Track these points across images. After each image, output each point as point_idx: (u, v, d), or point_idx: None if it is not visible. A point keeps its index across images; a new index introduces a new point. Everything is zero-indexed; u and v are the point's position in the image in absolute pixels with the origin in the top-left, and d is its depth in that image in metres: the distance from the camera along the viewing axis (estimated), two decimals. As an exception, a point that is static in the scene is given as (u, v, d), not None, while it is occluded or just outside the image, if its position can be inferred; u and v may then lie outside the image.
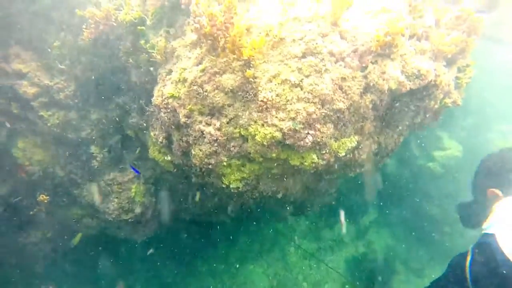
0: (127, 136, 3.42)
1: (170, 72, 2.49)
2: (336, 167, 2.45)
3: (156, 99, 2.51)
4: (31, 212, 3.09)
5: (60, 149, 3.34)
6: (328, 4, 2.07)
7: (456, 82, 2.43)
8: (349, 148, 2.21)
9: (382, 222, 6.97)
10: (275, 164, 2.43)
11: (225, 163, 2.40)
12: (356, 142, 2.19)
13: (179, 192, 3.70)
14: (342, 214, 6.00)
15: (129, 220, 3.48)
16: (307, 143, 2.01)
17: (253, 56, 1.99)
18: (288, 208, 4.17)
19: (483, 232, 1.63)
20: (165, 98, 2.43)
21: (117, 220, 3.44)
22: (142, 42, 2.61)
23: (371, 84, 1.91)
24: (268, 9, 2.20)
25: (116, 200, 3.35)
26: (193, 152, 2.44)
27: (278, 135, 2.03)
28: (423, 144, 6.07)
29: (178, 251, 5.80)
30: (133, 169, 3.36)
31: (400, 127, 2.33)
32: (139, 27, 2.64)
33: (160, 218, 3.92)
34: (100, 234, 3.93)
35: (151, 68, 2.68)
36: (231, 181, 2.57)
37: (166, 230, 4.56)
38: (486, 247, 1.53)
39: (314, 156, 2.16)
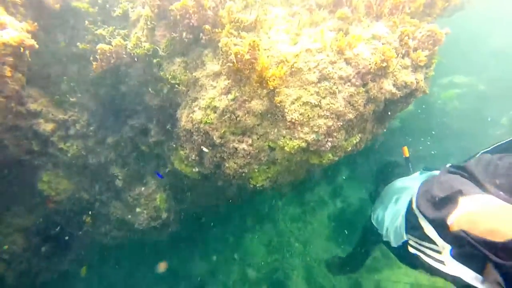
0: (142, 151, 3.69)
1: (195, 99, 2.82)
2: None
3: (186, 124, 2.85)
4: (80, 232, 3.35)
5: (82, 176, 3.54)
6: (329, 32, 2.54)
7: (425, 76, 3.09)
8: (354, 144, 2.82)
9: (354, 178, 7.75)
10: (294, 164, 2.97)
11: (256, 170, 2.89)
12: (359, 139, 2.79)
13: (196, 193, 4.12)
14: None
15: (157, 225, 3.87)
16: (327, 148, 2.56)
17: (278, 85, 2.43)
18: (287, 187, 4.81)
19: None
20: (195, 123, 2.78)
21: (147, 228, 3.81)
22: (162, 73, 2.87)
23: (372, 97, 2.48)
24: (278, 39, 2.60)
25: (145, 211, 3.70)
26: (226, 165, 2.88)
27: (304, 145, 2.54)
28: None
29: (180, 238, 6.19)
30: (158, 174, 3.69)
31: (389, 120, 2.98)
32: (155, 60, 2.87)
33: (180, 217, 4.34)
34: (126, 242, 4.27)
35: (172, 96, 2.96)
36: (258, 182, 3.08)
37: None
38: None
39: (330, 155, 2.73)
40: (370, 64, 2.38)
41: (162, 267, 5.30)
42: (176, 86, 2.81)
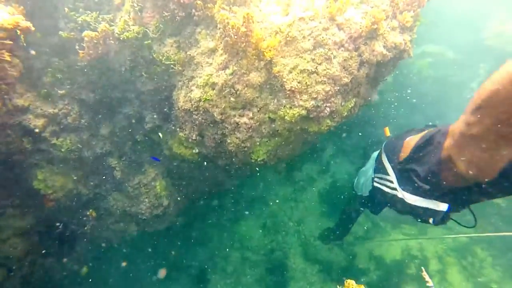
0: (138, 140, 3.64)
1: (191, 78, 2.82)
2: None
3: (184, 104, 2.84)
4: (85, 228, 3.29)
5: (79, 170, 3.46)
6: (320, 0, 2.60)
7: (410, 38, 3.23)
8: (349, 108, 2.93)
9: (340, 153, 7.96)
10: (294, 134, 3.05)
11: (257, 143, 2.95)
12: (354, 103, 2.91)
13: (194, 178, 4.13)
14: None
15: (160, 213, 3.86)
16: (326, 113, 2.66)
17: (274, 56, 2.48)
18: (283, 165, 4.92)
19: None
20: (194, 102, 2.79)
21: (150, 217, 3.80)
22: (155, 55, 2.83)
23: (365, 60, 2.58)
24: (270, 11, 2.64)
25: (146, 200, 3.68)
26: (228, 141, 2.92)
27: (304, 112, 2.62)
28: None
29: (178, 227, 6.20)
30: (154, 158, 3.66)
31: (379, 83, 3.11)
32: (146, 42, 2.82)
33: (179, 204, 4.35)
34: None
35: (166, 77, 2.93)
36: (259, 156, 3.14)
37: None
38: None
39: (328, 121, 2.83)
40: (361, 28, 2.48)
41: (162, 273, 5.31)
42: (172, 66, 2.79)
